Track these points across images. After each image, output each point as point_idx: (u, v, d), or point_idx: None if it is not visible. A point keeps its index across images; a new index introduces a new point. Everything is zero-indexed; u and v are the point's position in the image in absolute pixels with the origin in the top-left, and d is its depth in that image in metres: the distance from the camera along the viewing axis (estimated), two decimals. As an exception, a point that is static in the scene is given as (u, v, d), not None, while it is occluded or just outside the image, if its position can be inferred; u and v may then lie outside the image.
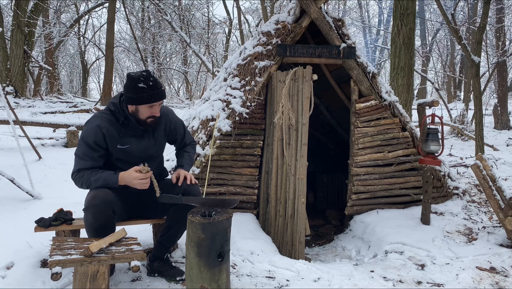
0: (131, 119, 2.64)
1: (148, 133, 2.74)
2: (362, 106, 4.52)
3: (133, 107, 2.61)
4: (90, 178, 2.58)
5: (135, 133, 2.68)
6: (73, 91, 25.59)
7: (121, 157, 2.68)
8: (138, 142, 2.70)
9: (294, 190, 4.03)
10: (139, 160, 2.64)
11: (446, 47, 22.70)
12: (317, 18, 4.38)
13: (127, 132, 2.67)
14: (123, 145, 2.65)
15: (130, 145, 2.67)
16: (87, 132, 2.61)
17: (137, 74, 2.57)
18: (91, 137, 2.59)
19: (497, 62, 10.81)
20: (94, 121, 2.64)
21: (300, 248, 3.95)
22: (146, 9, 17.87)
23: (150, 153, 2.77)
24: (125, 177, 2.56)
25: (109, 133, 2.61)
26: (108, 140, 2.62)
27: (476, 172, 3.96)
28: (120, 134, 2.65)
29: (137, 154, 2.69)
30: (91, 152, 2.60)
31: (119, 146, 2.64)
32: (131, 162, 2.65)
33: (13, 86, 11.81)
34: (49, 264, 2.25)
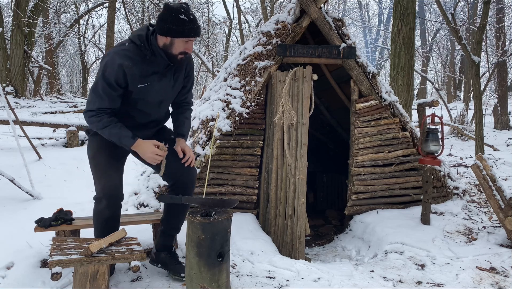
0: (158, 54, 2.48)
1: (170, 72, 2.60)
2: (362, 106, 4.52)
3: (167, 40, 2.44)
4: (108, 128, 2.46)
5: (158, 70, 2.54)
6: (73, 91, 25.59)
7: (138, 96, 2.56)
8: (159, 81, 2.57)
9: (294, 190, 4.03)
10: (155, 101, 2.60)
11: (446, 47, 22.70)
12: (317, 18, 4.38)
13: (150, 69, 2.52)
14: (144, 83, 2.52)
15: (150, 83, 2.54)
16: (108, 70, 2.44)
17: (177, 5, 2.42)
18: (113, 75, 2.43)
19: (497, 62, 10.82)
20: (115, 58, 2.45)
21: (300, 248, 3.95)
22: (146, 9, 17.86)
23: (167, 94, 2.68)
24: (141, 146, 2.50)
25: (132, 73, 2.47)
26: (130, 80, 2.48)
27: (476, 172, 3.96)
28: (143, 73, 2.50)
29: (154, 94, 2.59)
30: (111, 91, 2.45)
31: (140, 85, 2.51)
32: (146, 102, 2.58)
33: (13, 86, 11.81)
34: (49, 264, 2.25)
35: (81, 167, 5.09)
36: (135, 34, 2.56)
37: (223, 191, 4.25)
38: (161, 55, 2.49)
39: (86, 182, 4.67)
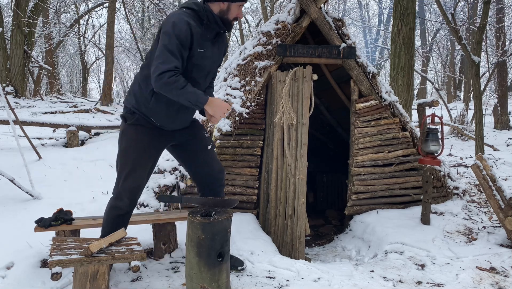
0: (213, 20, 2.54)
1: (218, 41, 2.66)
2: (362, 106, 4.52)
3: (224, 6, 2.54)
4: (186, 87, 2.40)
5: (211, 37, 2.59)
6: (73, 91, 25.59)
7: (196, 62, 2.56)
8: (212, 47, 2.62)
9: (294, 190, 4.03)
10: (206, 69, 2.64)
11: (446, 47, 22.70)
12: (317, 18, 4.38)
13: (206, 35, 2.57)
14: (202, 48, 2.54)
15: (206, 49, 2.57)
16: (178, 27, 2.40)
17: None
18: (183, 32, 2.40)
19: (497, 62, 10.81)
20: (182, 17, 2.45)
21: (300, 248, 3.95)
22: (146, 9, 17.87)
23: (214, 64, 2.72)
24: (214, 102, 2.51)
25: (196, 33, 2.48)
26: (194, 41, 2.49)
27: (476, 172, 3.96)
28: (202, 37, 2.53)
29: (208, 60, 2.62)
30: (182, 50, 2.43)
31: (199, 49, 2.53)
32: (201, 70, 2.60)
33: (13, 86, 11.81)
34: (49, 264, 2.25)
35: (81, 167, 5.09)
36: (189, 2, 2.61)
37: (223, 191, 4.24)
38: (216, 22, 2.55)
39: (86, 182, 4.68)
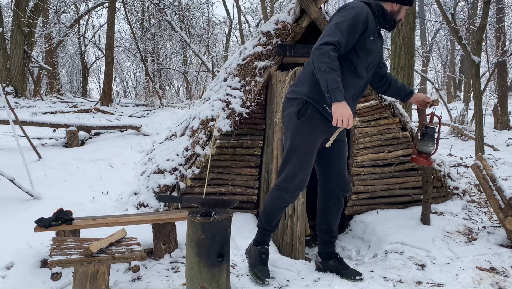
0: (382, 15, 2.69)
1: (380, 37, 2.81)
2: (362, 106, 4.52)
3: (396, 7, 2.72)
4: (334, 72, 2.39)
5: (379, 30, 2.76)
6: (73, 91, 25.58)
7: (369, 48, 2.67)
8: (379, 39, 2.77)
9: (294, 190, 4.03)
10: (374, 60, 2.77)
11: (446, 47, 22.71)
12: (317, 18, 4.38)
13: (375, 27, 2.70)
14: (374, 37, 2.68)
15: (376, 39, 2.71)
16: (356, 10, 2.55)
17: None
18: (360, 16, 2.54)
19: (497, 62, 10.80)
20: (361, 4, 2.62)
21: (300, 248, 3.95)
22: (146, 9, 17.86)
23: (379, 55, 2.86)
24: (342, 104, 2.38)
25: (371, 20, 2.64)
26: (369, 27, 2.61)
27: (476, 172, 3.96)
28: (374, 26, 2.68)
29: (375, 50, 2.75)
30: (352, 30, 2.52)
31: (372, 37, 2.65)
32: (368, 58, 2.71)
33: (13, 86, 11.81)
34: (49, 264, 2.25)
35: (81, 167, 5.09)
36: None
37: (223, 191, 4.25)
38: (385, 17, 2.71)
39: (86, 182, 4.68)
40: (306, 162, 2.76)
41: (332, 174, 2.94)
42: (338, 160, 2.93)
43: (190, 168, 4.17)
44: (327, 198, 3.02)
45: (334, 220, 3.04)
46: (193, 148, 4.23)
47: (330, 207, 3.02)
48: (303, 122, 2.68)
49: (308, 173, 2.82)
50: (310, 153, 2.76)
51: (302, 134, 2.70)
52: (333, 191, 2.98)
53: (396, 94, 3.13)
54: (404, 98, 3.13)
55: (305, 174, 2.80)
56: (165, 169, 4.30)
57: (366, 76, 2.81)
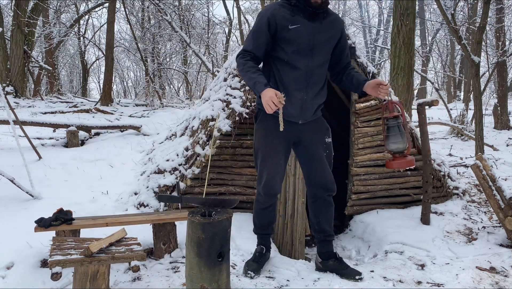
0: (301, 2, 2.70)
1: (319, 20, 2.75)
2: (362, 106, 4.52)
3: None
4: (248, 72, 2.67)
5: (306, 16, 2.72)
6: (73, 91, 25.57)
7: (291, 37, 2.71)
8: (309, 22, 2.72)
9: (294, 190, 4.03)
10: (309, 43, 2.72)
11: (446, 47, 22.71)
12: (317, 18, 4.38)
13: (299, 13, 2.72)
14: (294, 24, 2.70)
15: (301, 25, 2.70)
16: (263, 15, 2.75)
17: None
18: (264, 19, 2.72)
19: (497, 62, 10.80)
20: (268, 6, 2.81)
21: (300, 248, 3.95)
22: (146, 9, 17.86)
23: (320, 36, 2.76)
24: (265, 92, 2.55)
25: (281, 14, 2.71)
26: (279, 22, 2.70)
27: (476, 172, 3.96)
28: (292, 15, 2.71)
29: (306, 35, 2.72)
30: (259, 35, 2.73)
31: (290, 26, 2.69)
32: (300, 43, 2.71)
33: (13, 86, 11.81)
34: (49, 264, 2.25)
35: (81, 167, 5.09)
36: None
37: (223, 191, 4.25)
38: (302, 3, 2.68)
39: (86, 182, 4.68)
40: (267, 162, 2.87)
41: (312, 176, 2.98)
42: (317, 162, 2.94)
43: (190, 168, 4.17)
44: (313, 198, 3.07)
45: (324, 220, 3.05)
46: (193, 147, 4.23)
47: (318, 208, 3.05)
48: (258, 125, 2.96)
49: (272, 174, 2.88)
50: (270, 153, 2.86)
51: (259, 136, 2.93)
52: (316, 192, 3.02)
53: (350, 86, 3.00)
54: (358, 89, 2.91)
55: (269, 175, 2.88)
56: (165, 169, 4.30)
57: (307, 63, 2.76)
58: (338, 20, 2.86)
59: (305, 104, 2.83)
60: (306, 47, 2.73)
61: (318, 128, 2.96)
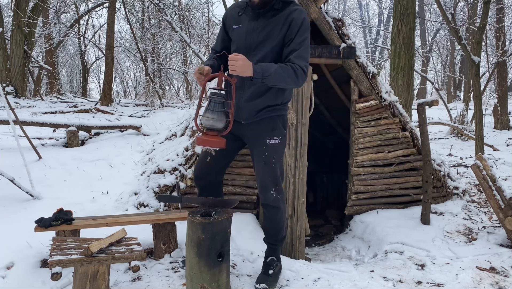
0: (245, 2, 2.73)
1: (264, 18, 2.66)
2: (362, 106, 4.52)
3: None
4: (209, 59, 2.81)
5: (252, 15, 2.70)
6: (73, 91, 25.57)
7: (234, 37, 2.77)
8: (250, 22, 2.69)
9: (294, 190, 4.03)
10: (245, 43, 2.69)
11: (446, 47, 22.71)
12: (317, 18, 4.38)
13: (248, 13, 2.72)
14: (238, 24, 2.74)
15: (242, 24, 2.72)
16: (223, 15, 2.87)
17: None
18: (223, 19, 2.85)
19: (497, 62, 10.80)
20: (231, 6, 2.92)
21: (300, 248, 3.95)
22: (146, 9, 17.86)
23: (255, 37, 2.64)
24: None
25: (230, 13, 2.80)
26: (228, 21, 2.81)
27: (476, 172, 3.96)
28: (240, 14, 2.75)
29: (244, 34, 2.69)
30: (219, 32, 2.92)
31: (234, 26, 2.75)
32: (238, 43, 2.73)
33: (13, 86, 11.80)
34: (49, 264, 2.25)
35: (81, 167, 5.09)
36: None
37: (223, 191, 4.24)
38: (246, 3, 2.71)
39: (86, 182, 4.67)
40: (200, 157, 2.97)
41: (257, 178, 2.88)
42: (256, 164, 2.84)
43: (190, 168, 4.16)
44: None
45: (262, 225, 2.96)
46: (193, 147, 4.23)
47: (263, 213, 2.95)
48: None
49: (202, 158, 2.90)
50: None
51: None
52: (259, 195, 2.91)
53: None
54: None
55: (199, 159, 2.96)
56: (165, 169, 4.29)
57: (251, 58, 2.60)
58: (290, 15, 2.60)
59: (241, 104, 2.70)
60: (243, 47, 2.66)
61: (260, 129, 2.76)
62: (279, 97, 2.74)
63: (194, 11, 18.96)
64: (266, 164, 2.75)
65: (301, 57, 2.56)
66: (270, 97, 2.71)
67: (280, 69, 2.50)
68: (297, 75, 2.54)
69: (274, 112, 2.76)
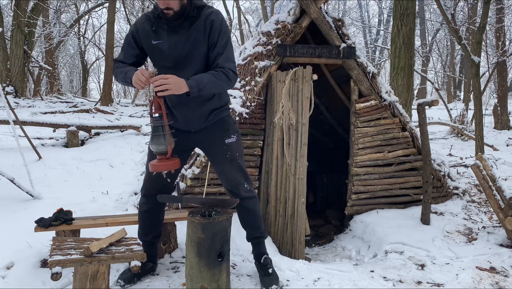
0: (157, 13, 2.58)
1: (183, 29, 2.56)
2: (362, 106, 4.52)
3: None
4: (116, 70, 2.63)
5: (169, 28, 2.56)
6: (73, 91, 25.58)
7: (156, 54, 2.61)
8: (170, 36, 2.57)
9: (294, 190, 4.03)
10: (171, 58, 2.57)
11: (446, 47, 22.72)
12: (317, 18, 4.38)
13: (162, 26, 2.57)
14: (157, 40, 2.58)
15: (162, 40, 2.57)
16: (131, 27, 2.72)
17: None
18: (130, 32, 2.69)
19: (497, 62, 10.80)
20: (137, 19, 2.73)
21: (300, 248, 3.95)
22: (146, 9, 17.86)
23: (181, 50, 2.56)
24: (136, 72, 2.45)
25: (143, 29, 2.61)
26: (142, 37, 2.62)
27: (476, 172, 3.97)
28: (153, 28, 2.58)
29: (168, 50, 2.56)
30: (127, 47, 2.69)
31: (153, 41, 2.59)
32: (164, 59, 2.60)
33: (13, 86, 11.81)
34: (49, 264, 2.25)
35: (81, 167, 5.09)
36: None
37: (223, 191, 4.24)
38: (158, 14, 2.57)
39: (86, 182, 4.68)
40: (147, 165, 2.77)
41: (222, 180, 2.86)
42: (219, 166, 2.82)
43: (190, 168, 4.16)
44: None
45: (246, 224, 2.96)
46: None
47: (237, 211, 2.95)
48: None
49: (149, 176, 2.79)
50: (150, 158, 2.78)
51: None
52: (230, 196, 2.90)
53: None
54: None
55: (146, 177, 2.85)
56: (165, 169, 4.29)
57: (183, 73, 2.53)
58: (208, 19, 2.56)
59: (189, 117, 2.67)
60: (170, 63, 2.58)
61: (214, 132, 2.76)
62: (222, 99, 2.79)
63: (194, 11, 18.91)
64: (232, 162, 2.79)
65: (229, 59, 2.58)
66: (214, 101, 2.72)
67: (213, 78, 2.49)
68: (229, 78, 2.56)
69: (221, 113, 2.79)
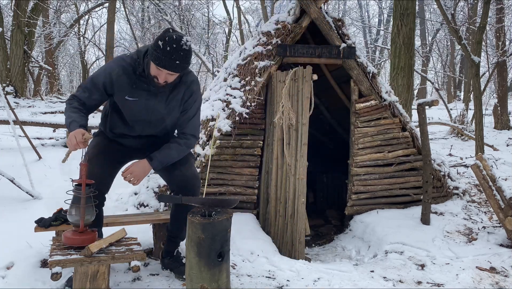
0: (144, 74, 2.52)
1: (164, 94, 2.58)
2: (362, 106, 4.52)
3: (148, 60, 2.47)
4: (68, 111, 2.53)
5: (149, 88, 2.55)
6: (73, 91, 25.56)
7: (128, 108, 2.60)
8: (148, 98, 2.57)
9: (294, 190, 4.03)
10: (145, 117, 2.62)
11: (446, 47, 22.73)
12: (317, 18, 4.38)
13: (141, 85, 2.54)
14: (132, 97, 2.55)
15: (139, 98, 2.56)
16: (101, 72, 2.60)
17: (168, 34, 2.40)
18: (101, 78, 2.56)
19: (497, 62, 10.80)
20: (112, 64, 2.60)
21: (300, 248, 3.95)
22: (146, 9, 17.87)
23: (157, 114, 2.63)
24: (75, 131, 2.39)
25: (118, 83, 2.54)
26: (116, 89, 2.56)
27: (476, 172, 3.96)
28: (132, 85, 2.54)
29: (144, 110, 2.59)
30: (92, 90, 2.57)
31: (127, 97, 2.55)
32: (136, 115, 2.62)
33: (13, 86, 11.82)
34: (49, 264, 2.25)
35: (81, 167, 5.08)
36: (138, 49, 2.64)
37: (223, 191, 4.25)
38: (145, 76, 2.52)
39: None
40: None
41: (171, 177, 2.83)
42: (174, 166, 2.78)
43: (190, 168, 4.17)
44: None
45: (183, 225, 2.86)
46: (194, 147, 4.23)
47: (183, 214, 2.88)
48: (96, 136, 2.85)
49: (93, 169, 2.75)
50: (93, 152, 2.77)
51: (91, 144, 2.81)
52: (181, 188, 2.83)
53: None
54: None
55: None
56: (165, 169, 4.29)
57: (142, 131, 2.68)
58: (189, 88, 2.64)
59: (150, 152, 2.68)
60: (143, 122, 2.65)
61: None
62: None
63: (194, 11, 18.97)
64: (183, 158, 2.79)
65: (194, 128, 2.74)
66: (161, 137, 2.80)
67: (176, 153, 2.66)
68: (189, 147, 2.74)
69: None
